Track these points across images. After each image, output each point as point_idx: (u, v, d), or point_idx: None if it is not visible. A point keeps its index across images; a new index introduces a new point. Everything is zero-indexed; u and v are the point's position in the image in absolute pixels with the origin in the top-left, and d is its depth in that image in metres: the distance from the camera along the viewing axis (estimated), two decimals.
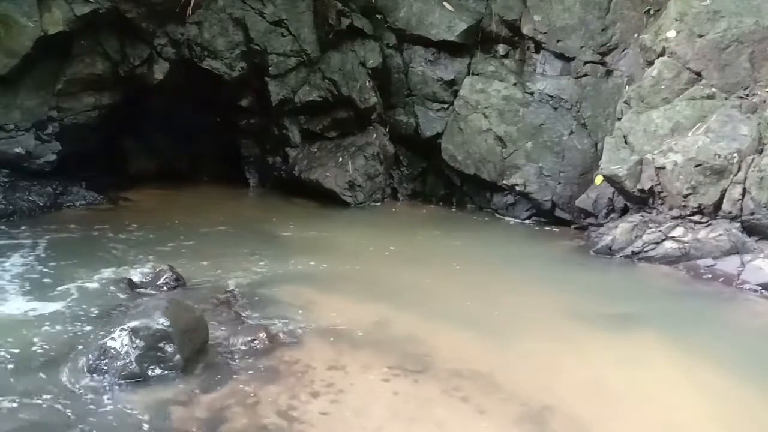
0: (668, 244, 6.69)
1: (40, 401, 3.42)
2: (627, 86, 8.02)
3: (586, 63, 8.61)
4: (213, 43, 8.54)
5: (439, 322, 4.86)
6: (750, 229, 6.43)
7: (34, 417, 3.28)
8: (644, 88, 7.41)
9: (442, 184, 9.49)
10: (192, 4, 8.14)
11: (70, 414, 3.33)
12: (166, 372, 3.72)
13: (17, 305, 4.64)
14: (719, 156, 6.53)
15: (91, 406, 3.41)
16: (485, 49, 9.21)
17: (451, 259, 6.78)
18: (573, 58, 8.69)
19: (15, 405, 3.37)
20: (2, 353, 3.89)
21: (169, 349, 3.75)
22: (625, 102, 7.63)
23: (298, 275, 5.78)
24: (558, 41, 8.71)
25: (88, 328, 4.29)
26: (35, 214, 7.36)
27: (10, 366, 3.76)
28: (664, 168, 6.75)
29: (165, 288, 5.06)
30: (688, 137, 6.82)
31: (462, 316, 5.05)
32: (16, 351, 3.93)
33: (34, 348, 3.98)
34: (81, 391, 3.54)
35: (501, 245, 7.68)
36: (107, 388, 3.58)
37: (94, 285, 5.08)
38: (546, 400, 3.74)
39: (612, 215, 7.52)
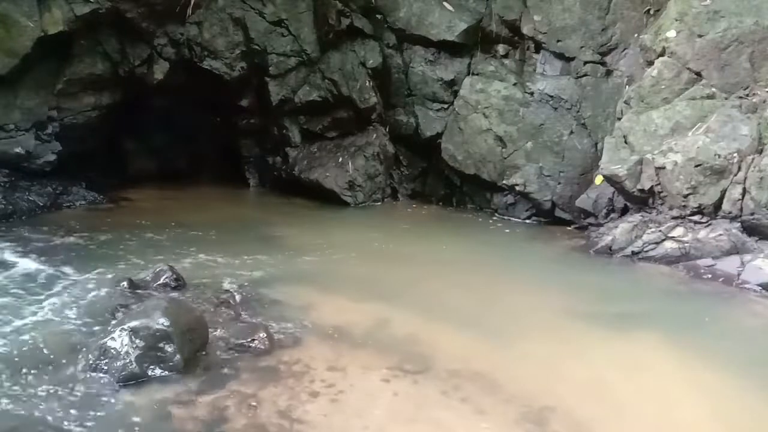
0: (668, 244, 6.69)
1: (39, 401, 3.41)
2: (627, 86, 8.02)
3: (586, 63, 8.62)
4: (213, 43, 8.55)
5: (439, 322, 4.86)
6: (750, 229, 6.43)
7: (33, 417, 3.28)
8: (644, 88, 7.41)
9: (442, 184, 9.49)
10: (192, 4, 8.14)
11: (69, 414, 3.32)
12: (166, 372, 3.71)
13: (17, 305, 4.63)
14: (719, 156, 6.53)
15: (91, 406, 3.41)
16: (485, 49, 9.21)
17: (451, 259, 6.78)
18: (573, 58, 8.69)
19: (14, 404, 3.37)
20: (1, 353, 3.89)
21: (169, 349, 3.74)
22: (625, 102, 7.63)
23: (297, 275, 5.78)
24: (558, 41, 8.71)
25: (88, 328, 4.29)
26: (35, 214, 7.36)
27: (10, 366, 3.76)
28: (664, 168, 6.75)
29: (165, 288, 5.05)
30: (688, 137, 6.82)
31: (462, 316, 5.05)
32: (16, 351, 3.93)
33: (33, 348, 3.98)
34: (81, 391, 3.53)
35: (501, 245, 7.68)
36: (107, 388, 3.58)
37: (94, 285, 5.07)
38: (546, 400, 3.74)
39: (612, 215, 7.52)
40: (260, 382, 3.75)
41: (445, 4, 9.22)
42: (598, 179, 7.61)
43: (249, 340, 4.19)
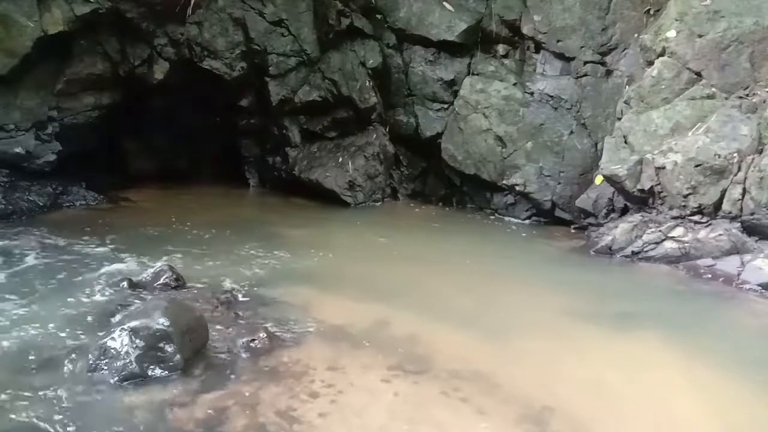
0: (668, 244, 6.69)
1: (39, 401, 3.41)
2: (627, 86, 8.03)
3: (586, 63, 8.62)
4: (213, 43, 8.54)
5: (439, 322, 4.86)
6: (750, 229, 6.43)
7: (33, 417, 3.28)
8: (644, 88, 7.41)
9: (442, 184, 9.49)
10: (192, 4, 8.13)
11: (69, 414, 3.32)
12: (166, 372, 3.71)
13: (17, 305, 4.63)
14: (719, 156, 6.53)
15: (91, 406, 3.41)
16: (485, 49, 9.22)
17: (451, 259, 6.78)
18: (573, 58, 8.69)
19: (14, 405, 3.37)
20: (1, 353, 3.89)
21: (169, 349, 3.74)
22: (625, 102, 7.64)
23: (298, 275, 5.77)
24: (558, 41, 8.71)
25: (88, 328, 4.29)
26: (35, 214, 7.35)
27: (10, 366, 3.76)
28: (664, 168, 6.76)
29: (165, 288, 5.05)
30: (688, 137, 6.82)
31: (462, 316, 5.05)
32: (16, 351, 3.93)
33: (33, 348, 3.98)
34: (81, 391, 3.53)
35: (501, 245, 7.68)
36: (107, 388, 3.58)
37: (94, 285, 5.07)
38: (546, 400, 3.74)
39: (612, 215, 7.52)
40: (260, 382, 3.75)
41: (445, 4, 9.22)
42: (598, 179, 7.61)
43: (249, 340, 4.19)
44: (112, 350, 3.69)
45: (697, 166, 6.59)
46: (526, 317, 5.16)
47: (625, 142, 7.26)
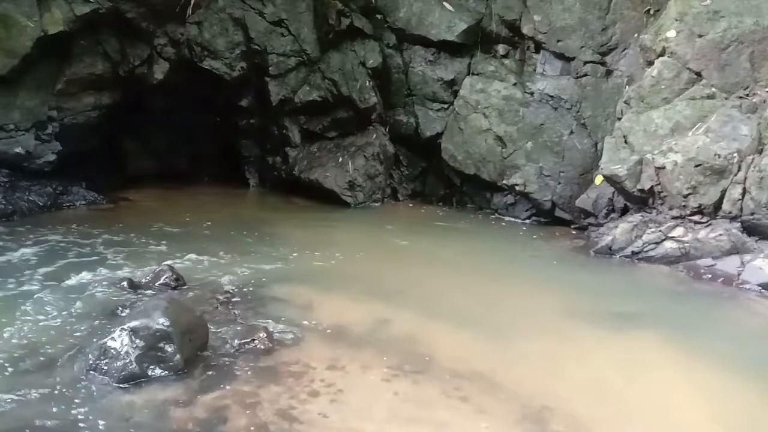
0: (668, 244, 6.69)
1: (39, 401, 3.41)
2: (627, 86, 8.02)
3: (586, 63, 8.62)
4: (213, 43, 8.55)
5: (439, 322, 4.86)
6: (750, 229, 6.43)
7: (33, 417, 3.27)
8: (644, 88, 7.41)
9: (442, 184, 9.49)
10: (192, 4, 8.14)
11: (69, 414, 3.32)
12: (166, 372, 3.71)
13: (17, 305, 4.63)
14: (719, 156, 6.53)
15: (91, 406, 3.41)
16: (485, 49, 9.21)
17: (451, 259, 6.78)
18: (573, 58, 8.69)
19: (15, 405, 3.37)
20: (2, 353, 3.89)
21: (169, 349, 3.74)
22: (625, 102, 7.64)
23: (298, 275, 5.78)
24: (558, 41, 8.71)
25: (88, 328, 4.29)
26: (35, 214, 7.36)
27: (10, 366, 3.76)
28: (664, 168, 6.76)
29: (165, 288, 5.06)
30: (688, 137, 6.82)
31: (462, 316, 5.04)
32: (16, 351, 3.93)
33: (33, 348, 3.98)
34: (81, 391, 3.53)
35: (501, 245, 7.68)
36: (107, 388, 3.58)
37: (94, 285, 5.07)
38: (546, 400, 3.74)
39: (612, 215, 7.52)
40: (260, 382, 3.75)
41: (445, 4, 9.22)
42: (598, 179, 7.61)
43: (249, 340, 4.19)
44: (112, 350, 3.69)
45: (697, 166, 6.59)
46: (526, 317, 5.16)
47: (625, 142, 7.26)
